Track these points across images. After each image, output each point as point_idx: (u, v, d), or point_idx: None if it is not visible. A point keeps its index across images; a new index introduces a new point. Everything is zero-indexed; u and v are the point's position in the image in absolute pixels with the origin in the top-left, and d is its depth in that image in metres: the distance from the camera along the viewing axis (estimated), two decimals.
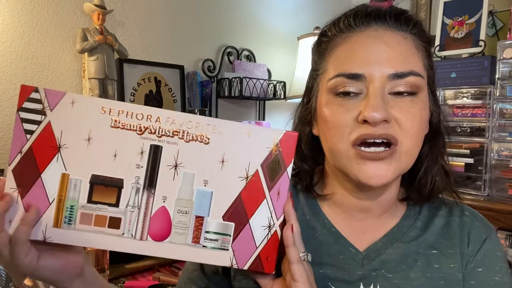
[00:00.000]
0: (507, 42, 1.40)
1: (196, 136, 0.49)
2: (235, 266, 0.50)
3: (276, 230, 0.51)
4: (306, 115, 0.62)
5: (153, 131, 0.48)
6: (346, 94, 0.53)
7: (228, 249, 0.50)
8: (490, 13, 1.79)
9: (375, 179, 0.52)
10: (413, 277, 0.56)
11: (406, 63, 0.53)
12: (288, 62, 2.24)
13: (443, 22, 1.63)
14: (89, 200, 0.48)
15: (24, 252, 0.46)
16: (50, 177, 0.48)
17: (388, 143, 0.52)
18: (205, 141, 0.49)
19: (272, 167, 0.50)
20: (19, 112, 0.47)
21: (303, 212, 0.62)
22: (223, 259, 0.50)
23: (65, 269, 0.51)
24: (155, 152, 0.48)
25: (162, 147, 0.48)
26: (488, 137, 1.43)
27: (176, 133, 0.48)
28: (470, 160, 1.44)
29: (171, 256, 0.49)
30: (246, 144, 0.49)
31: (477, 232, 0.60)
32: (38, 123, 0.47)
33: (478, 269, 0.58)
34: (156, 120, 0.48)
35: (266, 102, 2.16)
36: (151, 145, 0.48)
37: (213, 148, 0.49)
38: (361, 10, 0.56)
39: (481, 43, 1.51)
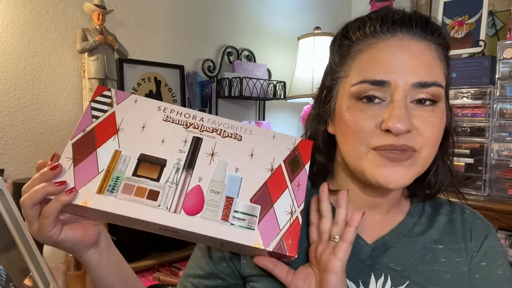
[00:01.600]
0: (507, 42, 1.40)
1: (231, 134, 0.58)
2: (261, 247, 0.53)
3: (297, 216, 0.56)
4: (324, 114, 0.63)
5: (196, 127, 0.58)
6: (370, 99, 0.54)
7: (254, 229, 0.54)
8: (490, 13, 1.79)
9: (394, 183, 0.54)
10: (421, 270, 0.58)
11: (430, 73, 0.54)
12: (288, 62, 2.24)
13: (443, 22, 1.63)
14: (134, 174, 0.54)
15: (50, 226, 0.50)
16: (105, 152, 0.54)
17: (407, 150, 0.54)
18: (238, 138, 0.58)
19: (293, 163, 0.58)
20: (91, 103, 0.57)
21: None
22: (250, 238, 0.54)
23: (83, 240, 0.55)
24: (196, 142, 0.57)
25: (202, 138, 0.57)
26: (488, 137, 1.43)
27: (215, 130, 0.58)
28: (470, 160, 1.44)
29: (201, 231, 0.52)
30: (271, 144, 0.59)
31: (479, 229, 0.63)
32: (105, 111, 0.57)
33: (482, 263, 0.60)
34: (200, 120, 0.58)
35: (266, 102, 2.16)
36: (193, 137, 0.57)
37: (244, 144, 0.58)
38: (388, 16, 0.56)
39: (481, 43, 1.51)
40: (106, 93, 0.58)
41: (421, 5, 2.17)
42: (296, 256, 0.54)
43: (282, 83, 2.05)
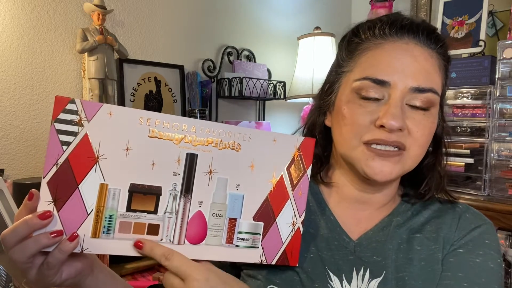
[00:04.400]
0: (507, 42, 1.40)
1: (228, 144, 0.52)
2: (264, 262, 0.55)
3: (299, 227, 0.56)
4: (324, 106, 0.66)
5: (188, 140, 0.50)
6: (368, 98, 0.58)
7: (258, 247, 0.54)
8: (490, 13, 1.79)
9: (380, 175, 0.57)
10: (395, 258, 0.60)
11: (428, 79, 0.57)
12: (288, 62, 2.24)
13: (443, 22, 1.63)
14: (128, 209, 0.48)
15: (53, 274, 0.48)
16: (88, 188, 0.47)
17: (397, 147, 0.57)
18: (237, 148, 0.53)
19: (295, 169, 0.56)
20: (55, 124, 0.46)
21: (308, 199, 0.66)
22: (254, 256, 0.54)
23: (81, 272, 0.53)
24: (191, 160, 0.51)
25: (197, 155, 0.51)
26: (488, 137, 1.43)
27: (210, 142, 0.51)
28: (470, 160, 1.44)
29: (207, 257, 0.51)
30: (272, 150, 0.54)
31: (466, 222, 0.63)
32: (75, 134, 0.47)
33: (460, 250, 0.60)
34: (191, 130, 0.51)
35: (266, 102, 2.16)
36: (187, 154, 0.50)
37: (244, 154, 0.53)
38: (397, 21, 0.60)
39: (481, 43, 1.51)
40: (69, 107, 0.46)
41: (421, 5, 2.17)
42: (297, 265, 0.57)
43: (282, 83, 2.05)
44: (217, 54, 1.99)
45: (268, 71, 2.14)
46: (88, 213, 0.47)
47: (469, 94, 1.50)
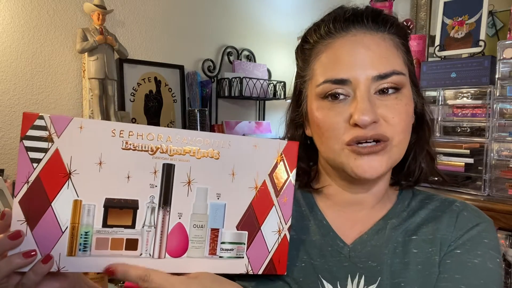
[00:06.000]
0: (507, 42, 1.40)
1: (206, 152, 0.50)
2: (250, 272, 0.52)
3: (285, 234, 0.54)
4: (298, 118, 0.65)
5: (164, 150, 0.48)
6: (334, 97, 0.56)
7: (243, 257, 0.52)
8: (490, 13, 1.79)
9: (370, 172, 0.55)
10: (390, 263, 0.58)
11: (387, 64, 0.56)
12: (288, 62, 2.24)
13: (443, 22, 1.63)
14: (104, 224, 0.47)
15: None
16: (61, 205, 0.45)
17: (379, 140, 0.56)
18: (216, 156, 0.50)
19: (278, 175, 0.53)
20: (23, 141, 0.44)
21: (299, 204, 0.65)
22: (239, 267, 0.52)
23: (64, 286, 0.51)
24: (168, 171, 0.48)
25: (174, 165, 0.48)
26: (488, 137, 1.42)
27: (187, 151, 0.49)
28: (470, 160, 1.44)
29: (190, 270, 0.50)
30: (254, 156, 0.51)
31: (463, 221, 0.60)
32: (45, 150, 0.45)
33: (457, 251, 0.58)
34: (167, 140, 0.48)
35: (266, 102, 2.16)
36: (163, 164, 0.48)
37: (223, 162, 0.50)
38: (339, 16, 0.58)
39: (481, 43, 1.51)
40: (38, 122, 0.44)
41: (421, 5, 2.17)
42: (286, 274, 0.54)
43: (282, 83, 2.05)
44: (217, 54, 1.99)
45: (268, 71, 2.14)
46: (63, 231, 0.46)
47: (469, 94, 1.50)
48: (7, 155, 1.42)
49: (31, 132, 0.44)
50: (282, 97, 2.05)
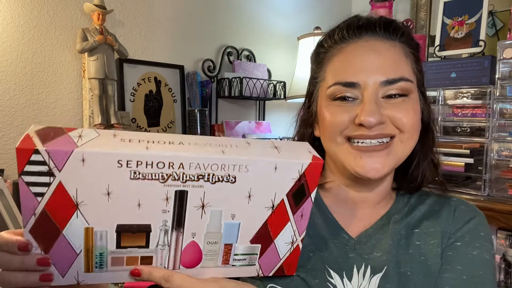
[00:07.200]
0: (507, 42, 1.40)
1: (222, 177, 0.46)
2: (260, 275, 0.54)
3: (298, 244, 0.54)
4: (308, 118, 0.69)
5: (177, 177, 0.44)
6: (344, 99, 0.59)
7: (255, 265, 0.53)
8: (490, 13, 1.79)
9: (372, 172, 0.58)
10: (395, 254, 0.60)
11: (396, 70, 0.58)
12: (288, 62, 2.24)
13: (443, 22, 1.62)
14: (118, 246, 0.46)
15: None
16: (73, 232, 0.44)
17: (383, 139, 0.58)
18: (231, 180, 0.46)
19: (297, 194, 0.50)
20: (23, 177, 0.41)
21: None
22: (251, 272, 0.53)
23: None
24: (181, 197, 0.46)
25: (187, 191, 0.45)
26: (488, 137, 1.42)
27: (201, 176, 0.45)
28: (470, 160, 1.44)
29: (204, 277, 0.51)
30: (273, 178, 0.48)
31: (461, 214, 0.65)
32: (47, 185, 0.42)
33: (457, 243, 0.61)
34: (179, 167, 0.44)
35: (266, 102, 2.16)
36: (175, 191, 0.45)
37: (239, 186, 0.47)
38: (353, 23, 0.62)
39: (481, 43, 1.51)
40: (34, 157, 0.40)
41: (421, 5, 2.17)
42: (294, 274, 0.56)
43: (282, 83, 2.05)
44: (217, 54, 1.99)
45: (268, 71, 2.14)
46: (78, 253, 0.46)
47: (469, 94, 1.50)
48: (7, 155, 1.42)
49: (29, 168, 0.40)
50: (282, 97, 2.05)
